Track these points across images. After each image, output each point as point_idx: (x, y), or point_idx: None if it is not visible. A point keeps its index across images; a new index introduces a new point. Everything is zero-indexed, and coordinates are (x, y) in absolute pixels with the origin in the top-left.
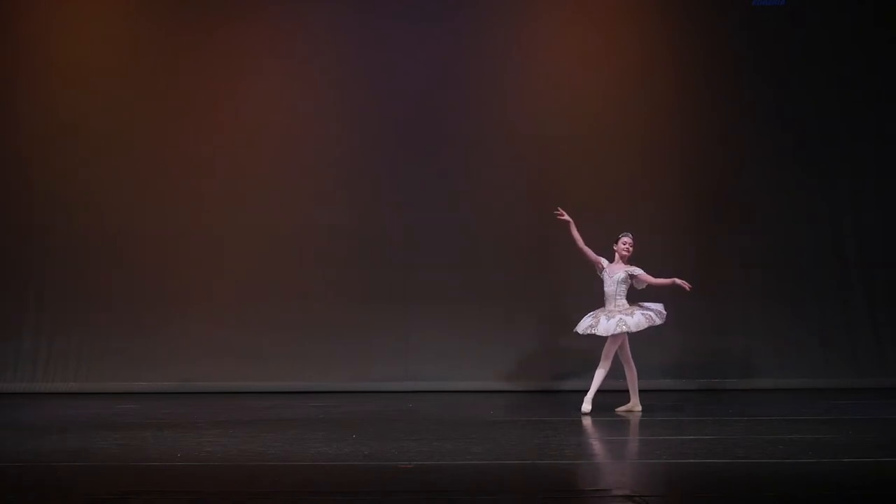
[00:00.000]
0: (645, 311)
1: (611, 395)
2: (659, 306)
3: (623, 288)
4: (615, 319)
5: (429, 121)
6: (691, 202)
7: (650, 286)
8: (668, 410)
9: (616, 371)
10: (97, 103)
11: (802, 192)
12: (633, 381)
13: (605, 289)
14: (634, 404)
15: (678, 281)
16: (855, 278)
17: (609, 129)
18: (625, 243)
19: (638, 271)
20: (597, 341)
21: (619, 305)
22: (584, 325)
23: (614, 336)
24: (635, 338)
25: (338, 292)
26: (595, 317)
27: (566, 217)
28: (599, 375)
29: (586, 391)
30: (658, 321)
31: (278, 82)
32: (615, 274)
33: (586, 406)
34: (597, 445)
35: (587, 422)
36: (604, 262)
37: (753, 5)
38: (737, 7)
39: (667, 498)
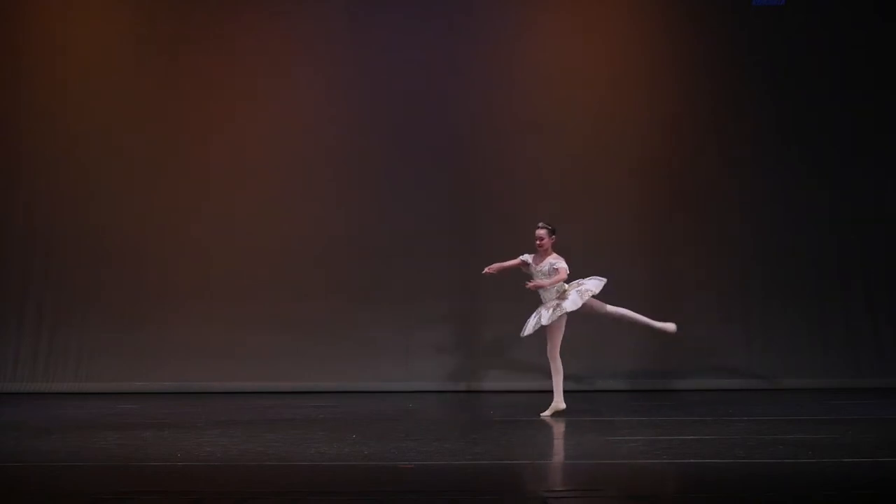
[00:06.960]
0: (579, 289)
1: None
2: (595, 280)
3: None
4: (551, 309)
5: (428, 120)
6: (691, 201)
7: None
8: (668, 410)
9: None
10: (96, 106)
11: (802, 191)
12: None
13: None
14: (558, 403)
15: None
16: (855, 278)
17: (609, 128)
18: (538, 237)
19: (561, 265)
20: (596, 336)
21: (553, 294)
22: (529, 326)
23: (557, 324)
24: (639, 338)
25: (338, 292)
26: (536, 314)
27: (491, 271)
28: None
29: (586, 391)
30: (596, 290)
31: (277, 82)
32: (541, 266)
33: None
34: (597, 445)
35: (587, 422)
36: (525, 258)
37: (753, 5)
38: (737, 7)
39: (667, 498)
